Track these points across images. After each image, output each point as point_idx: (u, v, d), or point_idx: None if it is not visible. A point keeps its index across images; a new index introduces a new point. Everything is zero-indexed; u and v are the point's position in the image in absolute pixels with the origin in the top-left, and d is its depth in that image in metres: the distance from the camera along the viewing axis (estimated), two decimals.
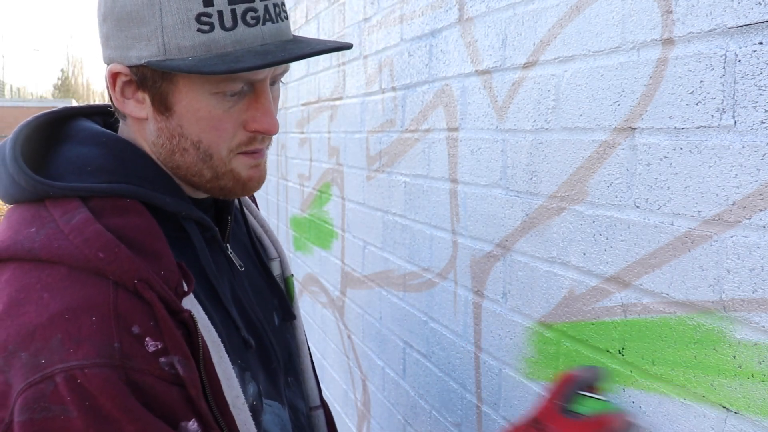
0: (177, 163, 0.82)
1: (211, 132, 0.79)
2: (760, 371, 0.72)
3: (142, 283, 0.71)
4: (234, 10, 0.74)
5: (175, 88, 0.77)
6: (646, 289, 0.88)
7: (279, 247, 1.09)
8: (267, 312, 0.98)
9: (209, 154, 0.81)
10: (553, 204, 1.08)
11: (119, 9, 0.75)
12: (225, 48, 0.75)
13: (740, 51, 0.74)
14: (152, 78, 0.77)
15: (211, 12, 0.73)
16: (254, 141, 0.83)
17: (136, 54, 0.76)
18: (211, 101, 0.78)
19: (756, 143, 0.72)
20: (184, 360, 0.71)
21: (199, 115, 0.78)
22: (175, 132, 0.80)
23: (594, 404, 0.90)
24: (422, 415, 1.62)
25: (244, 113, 0.80)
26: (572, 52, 1.02)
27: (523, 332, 1.17)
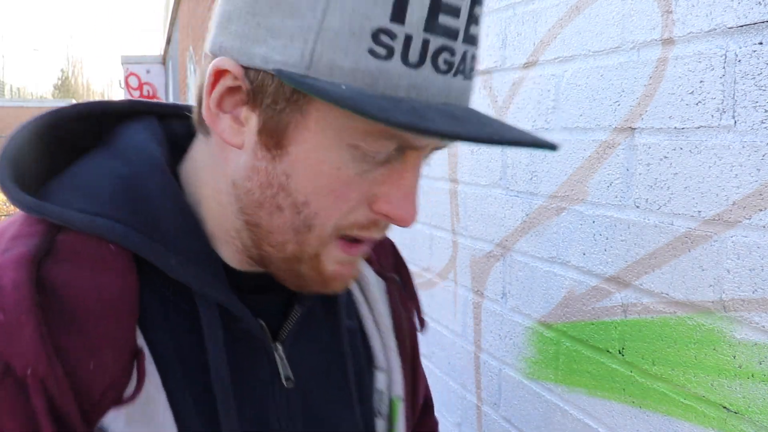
0: (258, 221, 0.57)
1: (326, 197, 0.55)
2: (760, 371, 0.72)
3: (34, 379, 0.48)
4: (426, 42, 0.49)
5: (303, 120, 0.52)
6: (646, 289, 0.88)
7: (391, 356, 0.78)
8: None
9: (309, 226, 0.56)
10: (553, 204, 1.08)
11: None
12: (396, 90, 0.50)
13: (740, 51, 0.74)
14: (275, 95, 0.52)
15: (397, 32, 0.48)
16: (374, 226, 0.58)
17: (263, 52, 0.51)
18: (344, 155, 0.53)
19: (756, 143, 0.72)
20: None
21: (320, 170, 0.53)
22: (275, 180, 0.55)
23: None
24: None
25: (377, 186, 0.56)
26: (572, 52, 1.02)
27: (523, 332, 1.17)
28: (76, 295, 0.52)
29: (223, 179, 0.59)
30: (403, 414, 0.78)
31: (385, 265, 0.80)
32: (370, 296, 0.77)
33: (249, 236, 0.59)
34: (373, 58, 0.49)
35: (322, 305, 0.70)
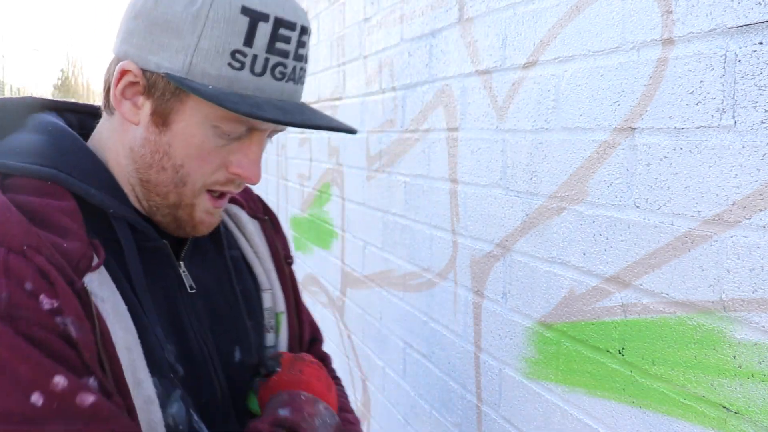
0: (147, 177, 0.81)
1: (196, 161, 0.79)
2: (760, 371, 0.72)
3: (31, 250, 0.68)
4: (267, 59, 0.75)
5: (182, 107, 0.77)
6: (646, 289, 0.88)
7: (272, 278, 1.02)
8: (224, 344, 0.91)
9: (184, 181, 0.80)
10: (553, 204, 1.08)
11: (159, 13, 0.74)
12: (246, 90, 0.75)
13: (740, 51, 0.74)
14: (163, 90, 0.76)
15: (247, 53, 0.74)
16: (230, 183, 0.83)
17: (156, 61, 0.75)
18: (208, 132, 0.78)
19: (756, 143, 0.72)
20: (78, 322, 0.68)
21: (192, 141, 0.78)
22: (161, 148, 0.79)
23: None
24: (422, 415, 1.62)
25: (232, 154, 0.80)
26: (572, 52, 1.02)
27: (523, 332, 1.17)
28: (35, 207, 0.72)
29: (122, 146, 0.82)
30: (286, 325, 1.01)
31: (255, 209, 1.06)
32: (246, 232, 1.02)
33: (141, 189, 0.83)
34: (230, 69, 0.74)
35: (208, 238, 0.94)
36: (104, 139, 0.84)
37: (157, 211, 0.83)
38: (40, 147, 0.79)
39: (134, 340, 0.74)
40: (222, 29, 0.73)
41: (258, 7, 0.73)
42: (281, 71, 0.77)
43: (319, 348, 1.17)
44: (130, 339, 0.74)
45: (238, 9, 0.73)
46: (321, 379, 0.95)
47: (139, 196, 0.83)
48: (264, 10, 0.74)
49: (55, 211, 0.73)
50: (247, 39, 0.73)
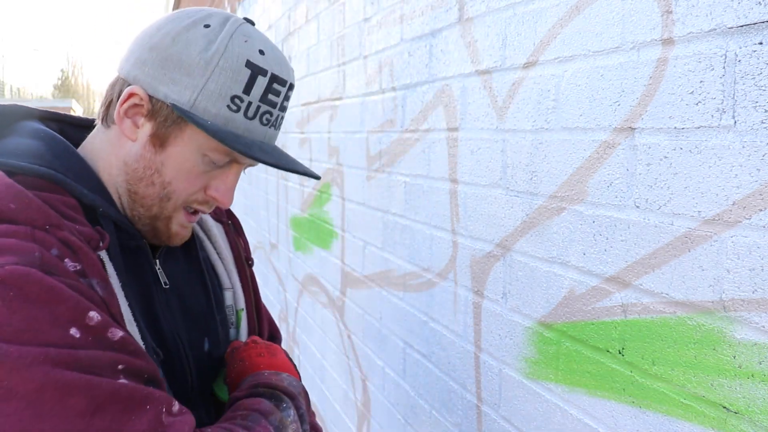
0: (136, 189, 0.91)
1: (183, 181, 0.90)
2: (760, 371, 0.72)
3: (53, 228, 0.77)
4: (259, 107, 0.88)
5: (180, 134, 0.88)
6: (646, 289, 0.88)
7: (234, 278, 1.12)
8: (195, 336, 1.00)
9: (169, 197, 0.91)
10: (553, 204, 1.08)
11: (174, 51, 0.85)
12: (237, 129, 0.87)
13: (740, 51, 0.74)
14: (166, 117, 0.87)
15: (244, 99, 0.86)
16: (205, 204, 0.94)
17: (165, 91, 0.86)
18: (198, 160, 0.89)
19: (756, 143, 0.72)
20: (103, 283, 0.78)
21: (183, 165, 0.89)
22: (154, 166, 0.89)
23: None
24: (422, 415, 1.62)
25: (212, 179, 0.92)
26: (572, 52, 1.02)
27: (523, 332, 1.17)
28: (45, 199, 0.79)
29: (116, 158, 0.91)
30: (246, 320, 1.12)
31: (219, 214, 1.17)
32: (211, 234, 1.13)
33: (127, 199, 0.92)
34: (228, 110, 0.87)
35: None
36: (96, 148, 0.93)
37: (138, 220, 0.93)
38: (37, 150, 0.87)
39: (130, 318, 0.84)
40: (227, 76, 0.85)
41: (260, 63, 0.87)
42: (267, 118, 0.90)
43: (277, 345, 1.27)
44: (127, 316, 0.83)
45: (244, 62, 0.86)
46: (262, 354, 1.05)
47: (124, 204, 0.92)
48: (264, 66, 0.87)
49: (60, 204, 0.81)
50: (246, 88, 0.86)
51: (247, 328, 1.12)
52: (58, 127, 0.99)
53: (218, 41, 0.85)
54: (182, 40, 0.86)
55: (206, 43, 0.85)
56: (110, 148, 0.92)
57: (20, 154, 0.85)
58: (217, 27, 0.87)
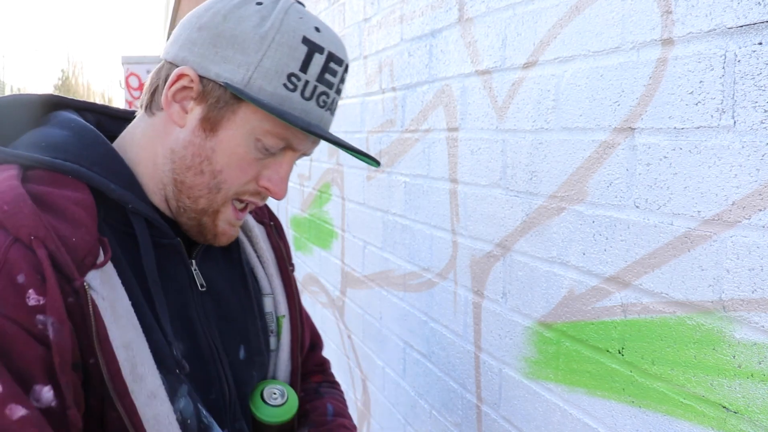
0: (183, 179, 0.84)
1: (235, 169, 0.83)
2: (759, 371, 0.72)
3: (38, 241, 0.70)
4: (315, 87, 0.82)
5: (233, 117, 0.81)
6: (646, 289, 0.88)
7: (275, 282, 1.04)
8: (230, 343, 0.93)
9: (219, 187, 0.84)
10: (553, 204, 1.08)
11: (226, 28, 0.80)
12: (293, 110, 0.81)
13: (740, 51, 0.74)
14: (218, 98, 0.81)
15: (301, 77, 0.80)
16: (257, 195, 0.87)
17: (217, 71, 0.80)
18: (251, 144, 0.82)
19: (755, 143, 0.72)
20: (58, 324, 0.69)
21: (235, 150, 0.82)
22: (204, 152, 0.82)
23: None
24: (422, 415, 1.62)
25: (264, 169, 0.85)
26: (572, 53, 1.02)
27: (523, 332, 1.17)
28: (52, 198, 0.75)
29: (162, 146, 0.85)
30: (288, 327, 1.04)
31: (261, 215, 1.09)
32: (252, 236, 1.04)
33: (173, 190, 0.85)
34: (284, 89, 0.80)
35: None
36: (138, 137, 0.87)
37: (183, 213, 0.86)
38: (63, 142, 0.82)
39: (136, 336, 0.76)
40: (284, 53, 0.79)
41: (316, 40, 0.81)
42: (324, 100, 0.83)
43: (319, 354, 1.20)
44: (130, 336, 0.75)
45: (300, 38, 0.80)
46: None
47: (169, 195, 0.86)
48: (321, 44, 0.82)
49: (69, 203, 0.75)
50: (303, 65, 0.80)
51: (289, 337, 1.04)
52: (95, 118, 0.94)
53: (273, 17, 0.80)
54: (234, 17, 0.80)
55: (260, 19, 0.80)
56: (155, 137, 0.85)
57: (44, 146, 0.80)
58: (270, 4, 0.81)
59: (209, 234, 0.87)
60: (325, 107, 0.84)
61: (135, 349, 0.75)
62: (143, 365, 0.76)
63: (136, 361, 0.75)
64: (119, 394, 0.73)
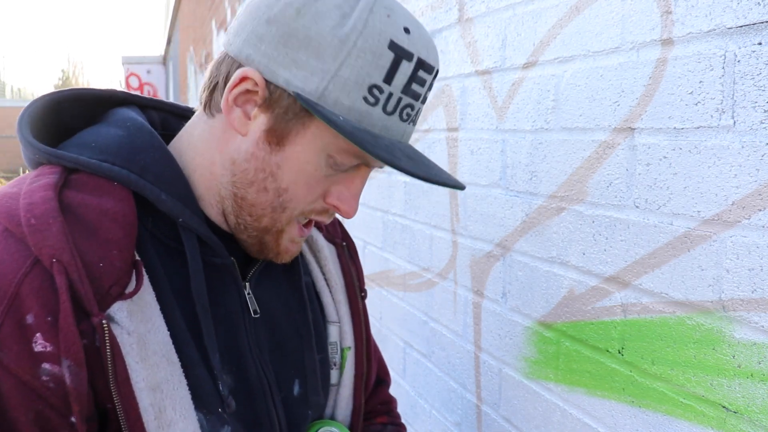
0: (244, 195, 0.74)
1: (302, 188, 0.73)
2: (759, 371, 0.72)
3: (59, 266, 0.62)
4: (400, 99, 0.70)
5: (303, 131, 0.71)
6: (646, 289, 0.88)
7: (342, 310, 0.94)
8: (283, 376, 0.84)
9: (284, 207, 0.74)
10: (552, 204, 1.08)
11: (300, 26, 0.68)
12: (373, 127, 0.70)
13: (739, 51, 0.74)
14: (287, 108, 0.70)
15: (385, 89, 0.69)
16: (324, 213, 0.78)
17: (287, 77, 0.69)
18: (321, 162, 0.72)
19: (755, 143, 0.72)
20: (76, 368, 0.62)
21: (303, 168, 0.72)
22: (269, 168, 0.73)
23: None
24: (422, 415, 1.62)
25: (333, 185, 0.75)
26: (572, 53, 1.02)
27: (523, 332, 1.17)
28: (88, 213, 0.67)
29: (220, 155, 0.75)
30: (352, 362, 0.94)
31: (333, 233, 0.99)
32: (320, 257, 0.95)
33: (232, 205, 0.76)
34: (365, 103, 0.69)
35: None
36: (195, 140, 0.78)
37: (243, 230, 0.77)
38: (115, 143, 0.73)
39: (171, 375, 0.68)
40: (366, 60, 0.67)
41: (405, 45, 0.69)
42: (408, 113, 0.72)
43: (385, 391, 1.09)
44: (161, 375, 0.67)
45: (387, 42, 0.68)
46: None
47: (227, 210, 0.77)
48: (410, 49, 0.69)
49: (106, 219, 0.67)
50: (387, 76, 0.68)
51: (353, 371, 0.93)
52: (160, 117, 0.86)
53: (355, 15, 0.67)
54: (310, 13, 0.67)
55: (340, 17, 0.67)
56: (214, 142, 0.76)
57: (94, 147, 0.73)
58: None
59: (271, 252, 0.79)
60: (408, 120, 0.73)
61: (166, 390, 0.67)
62: (174, 409, 0.68)
63: (164, 405, 0.67)
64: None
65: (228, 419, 0.74)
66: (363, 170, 0.76)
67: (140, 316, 0.67)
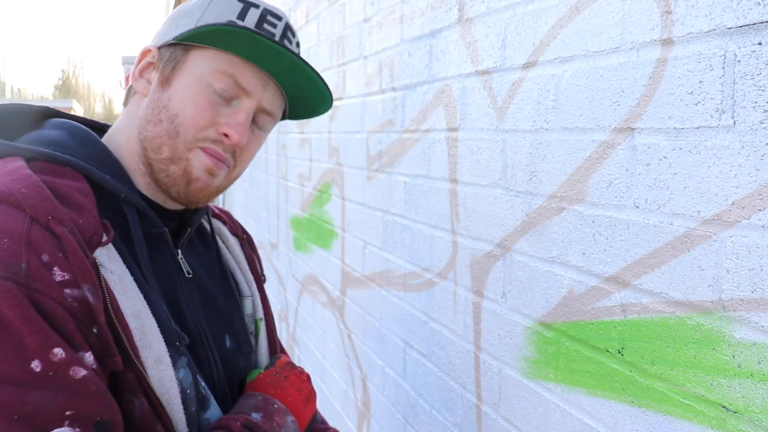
0: (146, 134, 0.90)
1: (190, 110, 0.88)
2: (759, 371, 0.72)
3: (55, 220, 0.76)
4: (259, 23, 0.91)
5: (183, 66, 0.90)
6: (646, 289, 0.88)
7: (253, 287, 1.11)
8: (216, 330, 0.98)
9: (177, 131, 0.88)
10: (552, 204, 1.08)
11: (179, 9, 0.94)
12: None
13: (739, 51, 0.74)
14: (170, 55, 0.91)
15: (240, 25, 0.88)
16: (218, 143, 0.90)
17: (170, 36, 0.91)
18: (203, 88, 0.89)
19: (755, 143, 0.72)
20: (93, 288, 0.76)
21: (188, 93, 0.89)
22: (161, 103, 0.90)
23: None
24: (422, 415, 1.62)
25: (223, 117, 0.90)
26: (572, 53, 1.02)
27: (523, 332, 1.17)
28: (56, 186, 0.81)
29: (133, 121, 0.93)
30: (265, 332, 1.10)
31: (235, 228, 1.18)
32: (228, 245, 1.13)
33: (142, 151, 0.91)
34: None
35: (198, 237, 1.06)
36: (117, 128, 0.95)
37: (156, 170, 0.91)
38: (60, 139, 0.89)
39: (143, 307, 0.82)
40: (221, 8, 0.90)
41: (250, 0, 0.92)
42: (270, 31, 0.91)
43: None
44: (138, 306, 0.82)
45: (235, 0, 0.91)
46: (302, 390, 1.01)
47: (144, 161, 0.92)
48: (255, 2, 0.92)
49: (72, 191, 0.82)
50: (240, 16, 0.90)
51: (266, 340, 1.10)
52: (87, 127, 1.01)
53: None
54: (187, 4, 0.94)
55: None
56: (129, 119, 0.94)
57: (42, 143, 0.88)
58: None
59: (182, 183, 0.91)
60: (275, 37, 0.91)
61: (144, 318, 0.81)
62: (151, 333, 0.81)
63: (145, 329, 0.81)
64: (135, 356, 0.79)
65: (184, 351, 0.87)
66: (245, 103, 0.91)
67: (115, 261, 0.82)
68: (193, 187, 0.91)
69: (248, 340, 1.05)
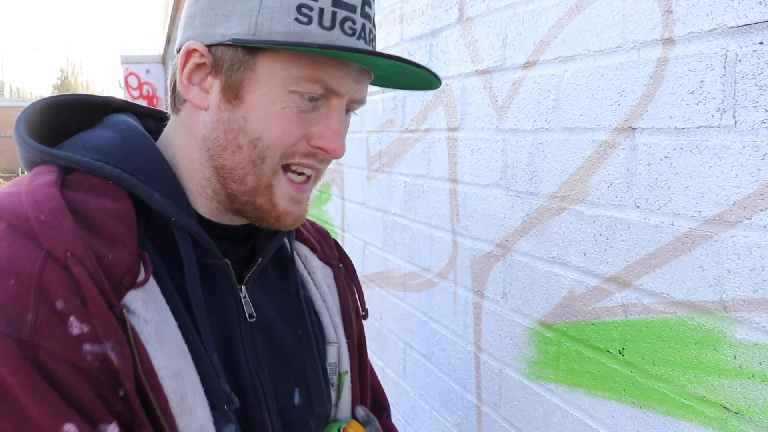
0: (222, 163, 0.74)
1: (275, 130, 0.72)
2: (760, 371, 0.72)
3: (74, 258, 0.62)
4: (335, 13, 0.70)
5: (253, 75, 0.71)
6: (647, 290, 0.88)
7: (340, 332, 0.92)
8: (282, 384, 0.82)
9: (263, 156, 0.73)
10: (553, 204, 1.08)
11: None
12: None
13: (741, 51, 0.74)
14: (231, 61, 0.71)
15: (313, 6, 0.69)
16: (312, 157, 0.75)
17: (221, 32, 0.70)
18: (286, 99, 0.71)
19: (756, 143, 0.72)
20: (118, 347, 0.63)
21: (271, 109, 0.71)
22: (235, 125, 0.72)
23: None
24: (422, 416, 1.62)
25: (313, 126, 0.74)
26: (572, 52, 1.02)
27: (523, 332, 1.17)
28: (89, 210, 0.68)
29: (194, 139, 0.76)
30: (349, 385, 0.92)
31: (329, 255, 0.98)
32: (315, 278, 0.93)
33: (217, 179, 0.75)
34: (299, 24, 0.69)
35: (274, 266, 0.88)
36: (171, 139, 0.79)
37: (237, 202, 0.76)
38: (109, 145, 0.74)
39: (185, 364, 0.68)
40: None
41: None
42: (351, 26, 0.71)
43: (385, 418, 1.04)
44: (179, 364, 0.68)
45: None
46: None
47: (216, 189, 0.76)
48: None
49: (107, 217, 0.68)
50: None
51: (350, 396, 0.91)
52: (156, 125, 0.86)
53: None
54: None
55: None
56: (186, 131, 0.77)
57: (88, 148, 0.73)
58: None
59: (271, 218, 0.76)
60: (355, 35, 0.72)
61: (185, 378, 0.68)
62: (193, 396, 0.68)
63: (186, 392, 0.67)
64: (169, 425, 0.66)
65: (232, 417, 0.73)
66: (335, 103, 0.74)
67: (153, 306, 0.67)
68: (284, 220, 0.77)
69: (323, 396, 0.86)
